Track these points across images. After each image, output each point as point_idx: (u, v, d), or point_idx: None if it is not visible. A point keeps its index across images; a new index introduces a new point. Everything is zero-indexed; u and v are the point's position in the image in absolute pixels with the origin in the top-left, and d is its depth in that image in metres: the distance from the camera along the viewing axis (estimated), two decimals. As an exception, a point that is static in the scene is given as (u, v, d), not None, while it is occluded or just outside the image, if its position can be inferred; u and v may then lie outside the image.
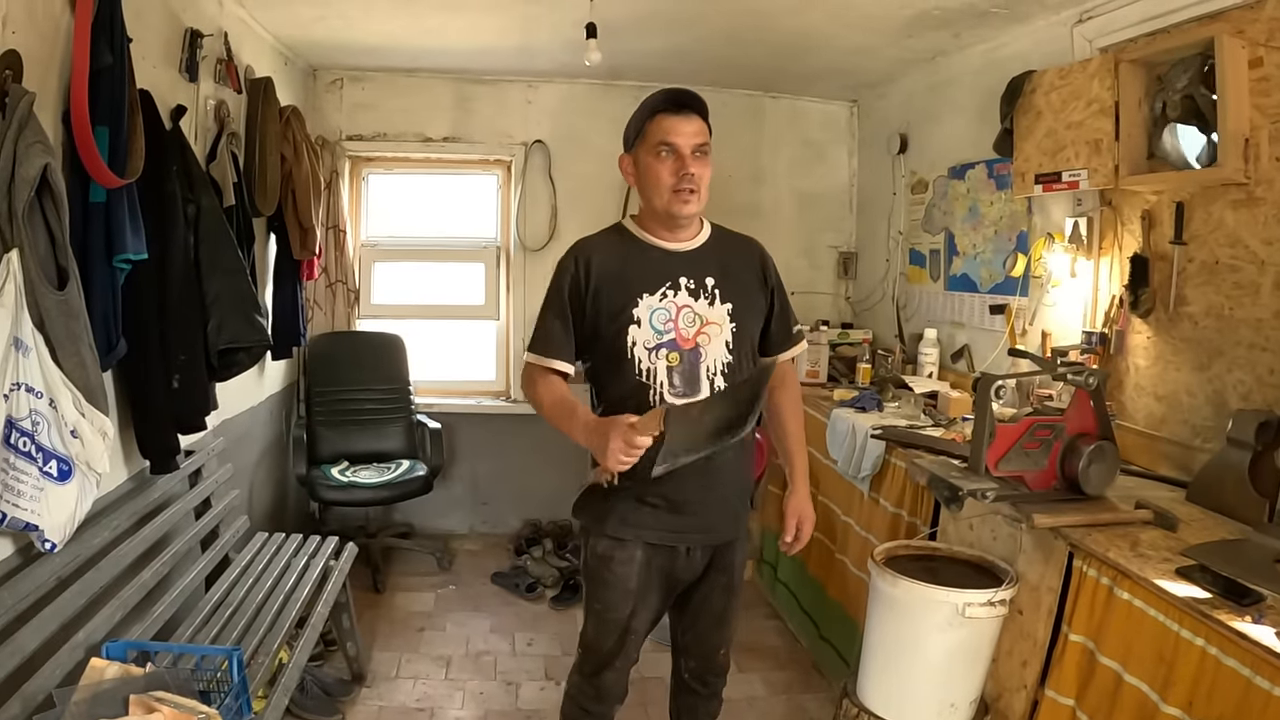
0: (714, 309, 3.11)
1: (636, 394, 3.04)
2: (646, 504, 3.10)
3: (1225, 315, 3.57)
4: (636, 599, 3.19)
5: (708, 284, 3.12)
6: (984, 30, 4.95)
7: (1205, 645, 2.44)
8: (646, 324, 3.05)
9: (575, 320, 3.12)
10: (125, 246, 3.34)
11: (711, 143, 3.10)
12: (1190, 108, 3.61)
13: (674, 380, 3.06)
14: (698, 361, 3.08)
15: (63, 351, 2.88)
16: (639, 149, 3.09)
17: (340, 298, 6.74)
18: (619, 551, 3.15)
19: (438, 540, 6.96)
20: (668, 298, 3.07)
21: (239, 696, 3.00)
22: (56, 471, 2.87)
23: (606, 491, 3.11)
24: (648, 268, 3.11)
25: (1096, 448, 3.19)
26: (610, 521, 3.14)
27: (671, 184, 3.00)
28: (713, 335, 3.10)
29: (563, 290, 3.12)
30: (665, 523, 3.12)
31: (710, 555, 3.27)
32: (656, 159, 3.01)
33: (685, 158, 2.99)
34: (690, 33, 5.37)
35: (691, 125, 3.01)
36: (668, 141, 2.99)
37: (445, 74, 6.80)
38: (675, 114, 3.01)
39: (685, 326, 3.08)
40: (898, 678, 3.40)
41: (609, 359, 3.10)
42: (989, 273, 5.26)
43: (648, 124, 3.04)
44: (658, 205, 3.08)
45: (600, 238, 3.25)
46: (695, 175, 3.00)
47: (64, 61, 3.25)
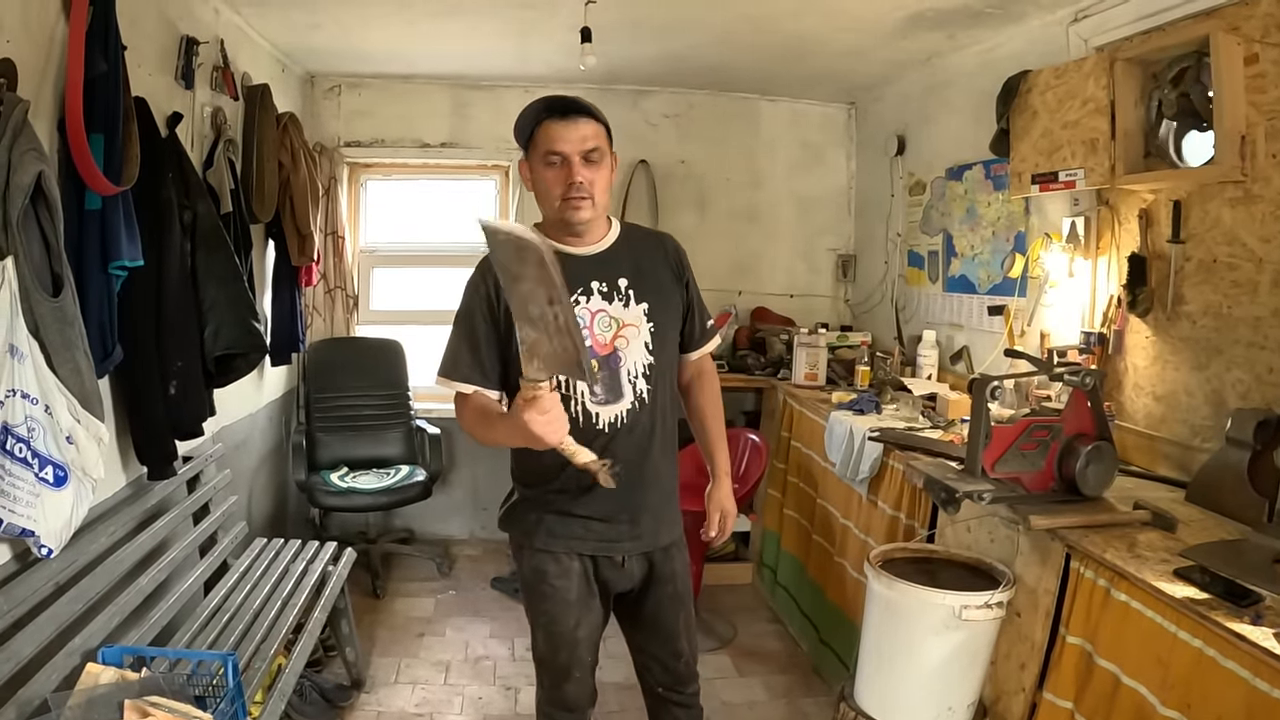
0: (629, 310, 3.04)
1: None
2: (574, 515, 3.05)
3: (1223, 314, 3.56)
4: (579, 610, 3.12)
5: (620, 285, 3.04)
6: (979, 31, 4.95)
7: (1203, 647, 2.43)
8: None
9: (492, 338, 3.03)
10: (121, 253, 3.35)
11: (611, 144, 3.01)
12: (1186, 106, 3.60)
13: (594, 388, 2.99)
14: (617, 366, 3.01)
15: (58, 358, 2.89)
16: (530, 156, 2.99)
17: (339, 304, 6.75)
18: (553, 565, 3.09)
19: (438, 545, 6.97)
20: (580, 305, 2.96)
21: (234, 702, 3.00)
22: (52, 477, 2.88)
23: (532, 505, 3.09)
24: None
25: (1094, 448, 3.18)
26: (539, 535, 3.08)
27: (560, 193, 2.91)
28: (630, 338, 3.03)
29: (473, 310, 3.05)
30: (596, 532, 3.06)
31: (648, 565, 3.20)
32: (546, 167, 2.92)
33: (574, 165, 2.87)
34: (685, 37, 5.38)
35: (578, 130, 2.89)
36: (555, 150, 2.88)
37: (442, 80, 6.81)
38: (560, 120, 2.89)
39: (601, 331, 3.00)
40: (895, 681, 3.39)
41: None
42: (987, 274, 5.25)
43: (535, 132, 2.94)
44: (552, 214, 3.00)
45: None
46: (584, 182, 2.89)
47: (59, 69, 3.25)
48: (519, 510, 3.15)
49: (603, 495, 2.89)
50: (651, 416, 3.08)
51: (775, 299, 7.13)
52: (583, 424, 2.94)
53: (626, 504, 3.05)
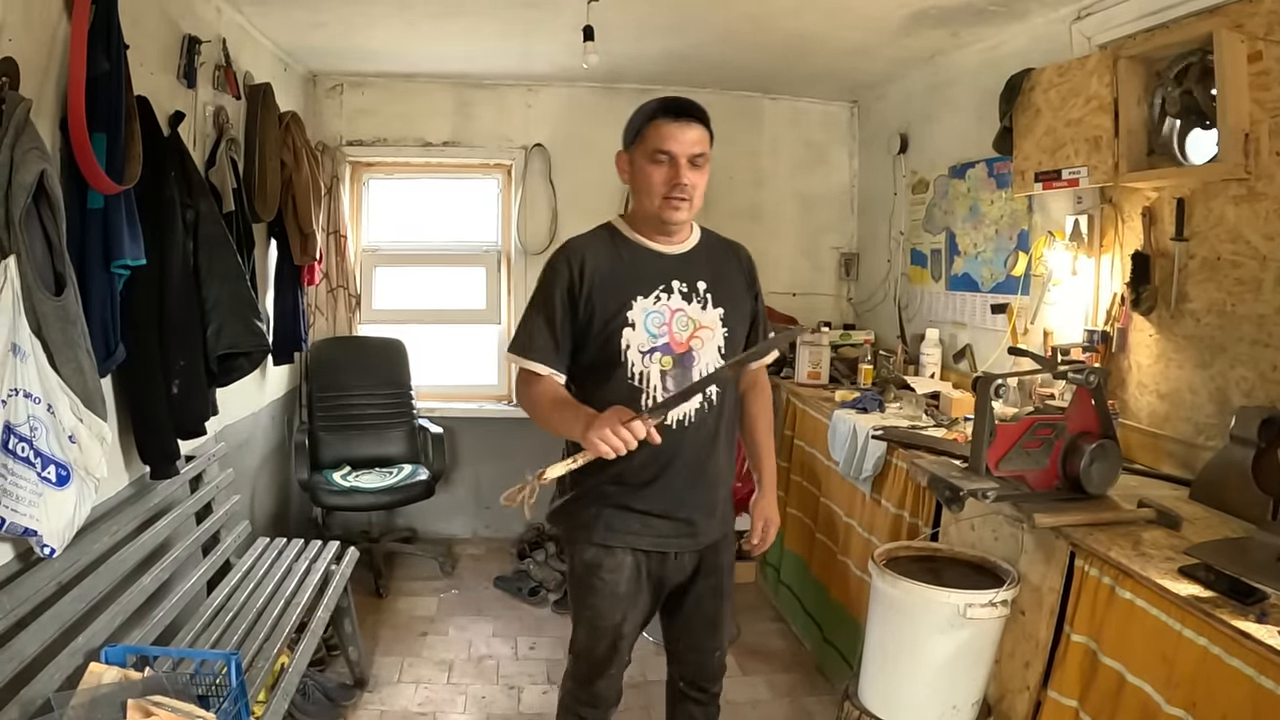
0: (706, 313, 3.09)
1: (627, 398, 2.94)
2: (633, 510, 3.07)
3: (1227, 311, 3.56)
4: (627, 604, 3.15)
5: (699, 287, 3.09)
6: (982, 29, 4.94)
7: (1208, 645, 2.43)
8: (641, 327, 3.00)
9: (567, 323, 3.05)
10: (123, 252, 3.34)
11: (711, 150, 3.04)
12: (1190, 103, 3.60)
13: (666, 384, 3.01)
14: (690, 366, 3.04)
15: (60, 357, 2.88)
16: (636, 151, 3.02)
17: (341, 303, 6.74)
18: (607, 559, 3.11)
19: (440, 545, 6.97)
20: (661, 300, 3.03)
21: (237, 701, 3.00)
22: (55, 477, 2.87)
23: (589, 499, 3.10)
24: (641, 270, 3.06)
25: (1098, 446, 3.18)
26: (597, 529, 3.10)
27: (664, 191, 2.96)
28: (706, 340, 3.07)
29: (553, 293, 3.05)
30: (654, 529, 3.10)
31: (698, 557, 3.24)
32: (652, 163, 2.96)
33: (680, 166, 2.94)
34: (688, 35, 5.37)
35: (690, 134, 2.94)
36: (664, 149, 2.93)
37: (445, 79, 6.80)
38: (674, 121, 2.94)
39: (679, 330, 3.04)
40: (899, 680, 3.38)
41: (599, 362, 3.04)
42: (990, 272, 5.25)
43: (646, 128, 2.97)
44: (649, 209, 3.03)
45: (591, 238, 3.18)
46: (689, 184, 2.96)
47: (61, 68, 3.25)
48: (575, 505, 3.16)
49: (663, 491, 3.05)
50: (718, 418, 3.13)
51: (778, 297, 7.10)
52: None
53: (687, 501, 3.11)
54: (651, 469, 3.03)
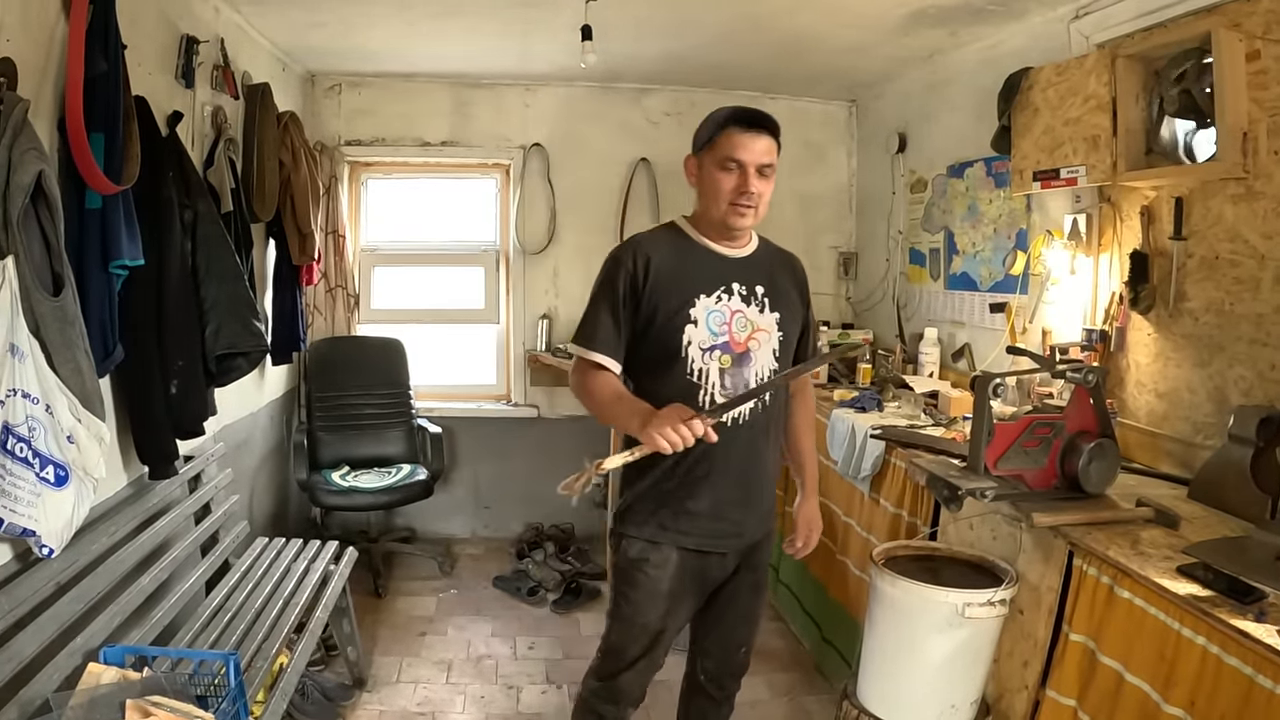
0: (764, 316, 3.14)
1: (685, 394, 3.00)
2: (685, 510, 3.11)
3: (1226, 310, 3.56)
4: (669, 602, 3.17)
5: (758, 291, 3.14)
6: (980, 28, 4.94)
7: (1207, 644, 2.43)
8: (703, 324, 3.04)
9: (627, 317, 3.09)
10: (121, 253, 3.34)
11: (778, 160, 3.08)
12: (1188, 102, 3.60)
13: (724, 382, 3.06)
14: (747, 366, 3.09)
15: (58, 357, 2.88)
16: (705, 156, 3.07)
17: (340, 303, 6.74)
18: (653, 554, 3.14)
19: (439, 544, 6.97)
20: (722, 301, 3.08)
21: (236, 701, 3.00)
22: (53, 477, 2.87)
23: (647, 499, 3.14)
24: (704, 269, 3.11)
25: (1096, 445, 3.18)
26: (649, 526, 3.14)
27: (731, 197, 3.01)
28: (762, 342, 3.12)
29: (617, 285, 3.08)
30: (704, 529, 3.13)
31: (741, 555, 3.28)
32: (721, 170, 3.00)
33: (749, 174, 2.98)
34: (686, 35, 5.37)
35: (760, 144, 2.99)
36: (734, 157, 2.97)
37: (443, 78, 6.80)
38: (746, 131, 2.99)
39: (738, 330, 3.09)
40: (898, 679, 3.39)
41: (659, 357, 3.08)
42: (989, 271, 5.25)
43: (718, 135, 3.02)
44: (714, 214, 3.07)
45: (656, 236, 3.23)
46: (756, 193, 3.00)
47: (59, 69, 3.25)
48: (636, 507, 3.19)
49: (713, 489, 3.10)
50: (768, 419, 3.18)
51: (777, 297, 7.11)
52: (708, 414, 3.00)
53: (736, 500, 3.16)
54: (704, 465, 3.07)
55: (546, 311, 7.06)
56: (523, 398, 7.14)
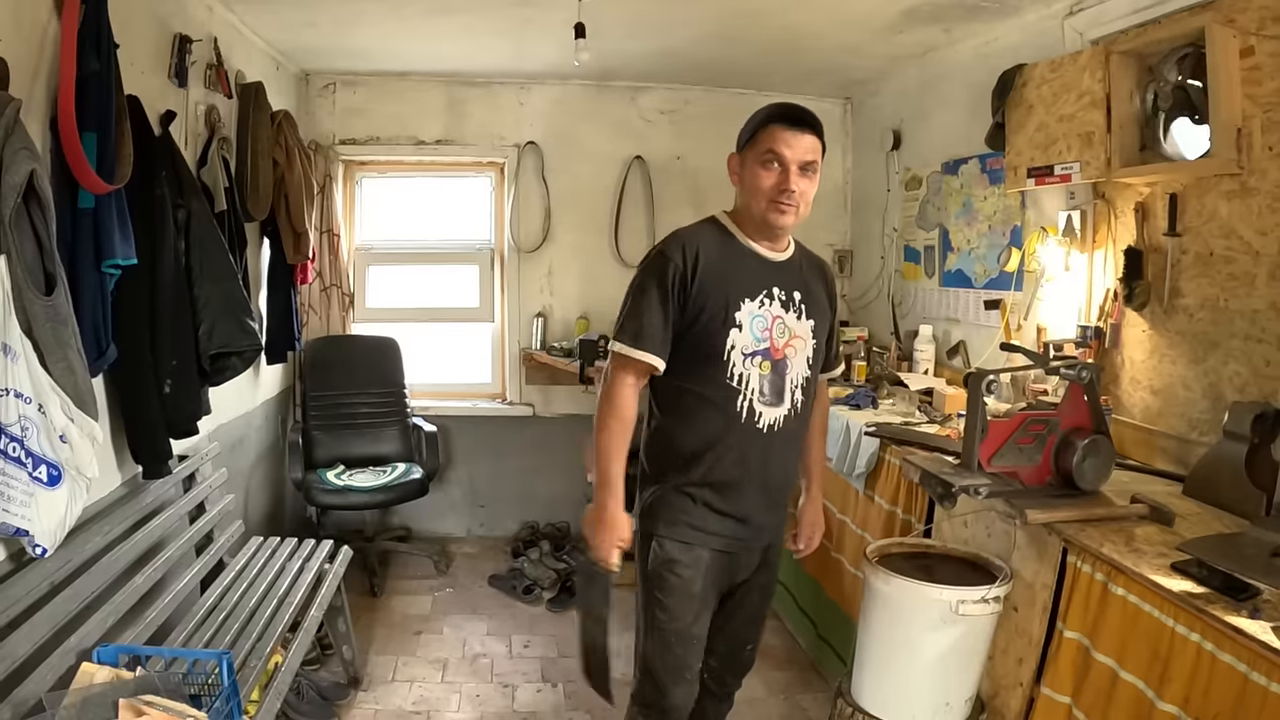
0: (801, 323, 3.12)
1: (724, 398, 3.01)
2: (716, 511, 3.09)
3: (1220, 307, 3.56)
4: (699, 604, 3.15)
5: (795, 298, 3.12)
6: (975, 25, 4.95)
7: (1201, 641, 2.43)
8: (748, 329, 3.00)
9: (675, 315, 3.01)
10: (114, 252, 3.34)
11: (822, 161, 3.08)
12: (1182, 99, 3.60)
13: (764, 389, 3.03)
14: (784, 373, 3.07)
15: (51, 357, 2.87)
16: (748, 153, 3.03)
17: (335, 302, 6.73)
18: (685, 555, 3.10)
19: (435, 544, 6.96)
20: (765, 305, 3.04)
21: (229, 700, 2.99)
22: (46, 477, 2.87)
23: (676, 496, 3.11)
24: (748, 272, 3.07)
25: (1091, 442, 3.18)
26: (679, 527, 3.10)
27: (772, 195, 2.97)
28: (798, 349, 3.10)
29: (665, 280, 2.99)
30: (732, 530, 3.12)
31: (759, 556, 3.28)
32: (763, 167, 2.97)
33: (791, 172, 2.95)
34: (680, 33, 5.36)
35: (804, 142, 2.96)
36: (776, 152, 2.94)
37: (437, 77, 6.80)
38: (790, 128, 2.95)
39: (778, 336, 3.05)
40: (892, 677, 3.38)
41: (699, 359, 3.02)
42: (983, 268, 5.25)
43: (761, 131, 2.98)
44: (755, 211, 3.04)
45: (702, 231, 3.14)
46: (797, 191, 2.97)
47: (51, 68, 3.24)
48: (662, 502, 3.15)
49: (746, 494, 3.10)
50: (799, 426, 3.18)
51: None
52: (745, 420, 3.02)
53: (765, 504, 3.16)
54: (738, 470, 3.06)
55: (541, 310, 7.05)
56: (518, 396, 7.14)
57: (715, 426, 3.04)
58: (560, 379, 6.86)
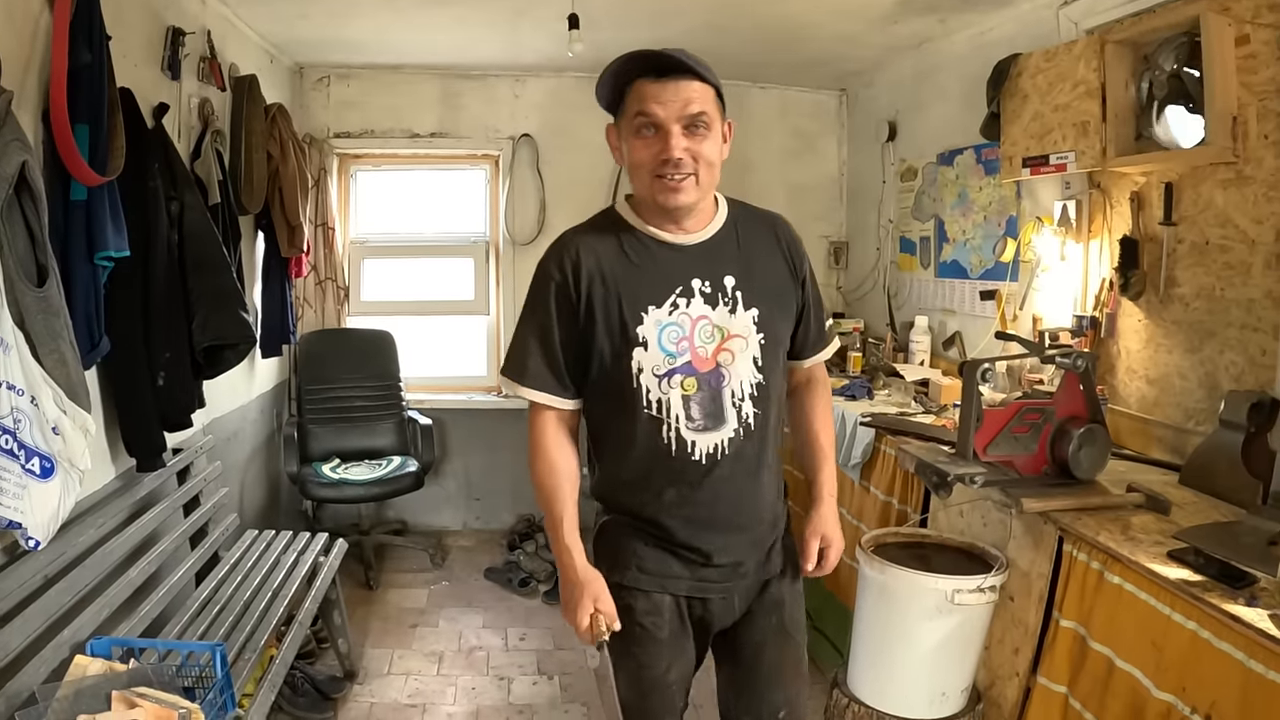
0: (736, 317, 2.47)
1: (648, 431, 2.45)
2: (672, 553, 2.53)
3: (1216, 296, 3.56)
4: (670, 650, 2.58)
5: (726, 285, 2.48)
6: (970, 15, 4.94)
7: (1197, 629, 2.43)
8: (655, 345, 2.42)
9: (568, 337, 2.48)
10: (106, 244, 3.33)
11: (722, 108, 2.45)
12: (1177, 87, 3.59)
13: (691, 412, 2.44)
14: (720, 386, 2.45)
15: (43, 349, 2.87)
16: (620, 122, 2.47)
17: (330, 295, 6.73)
18: (641, 601, 2.54)
19: (431, 537, 6.96)
20: (679, 309, 2.44)
21: (223, 692, 2.99)
22: (39, 469, 2.85)
23: (623, 531, 2.58)
24: (651, 270, 2.47)
25: (1086, 431, 3.18)
26: (629, 571, 2.55)
27: (653, 169, 2.37)
28: (736, 351, 2.47)
29: (547, 302, 2.49)
30: (696, 574, 2.54)
31: (753, 594, 2.65)
32: (637, 136, 2.39)
33: (672, 134, 2.33)
34: (674, 23, 5.34)
35: (682, 91, 2.33)
36: (646, 113, 2.34)
37: (432, 70, 6.79)
38: (658, 80, 2.34)
39: (702, 343, 2.44)
40: (888, 667, 3.39)
41: (609, 388, 2.48)
42: (979, 259, 5.24)
43: (626, 93, 2.40)
44: (643, 192, 2.47)
45: (589, 231, 2.57)
46: (684, 158, 2.34)
47: (43, 60, 3.23)
48: (609, 536, 2.63)
49: (700, 532, 2.50)
50: (759, 445, 2.53)
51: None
52: (675, 453, 2.45)
53: (729, 544, 2.54)
54: (686, 509, 2.49)
55: (537, 303, 7.00)
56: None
57: (643, 464, 2.49)
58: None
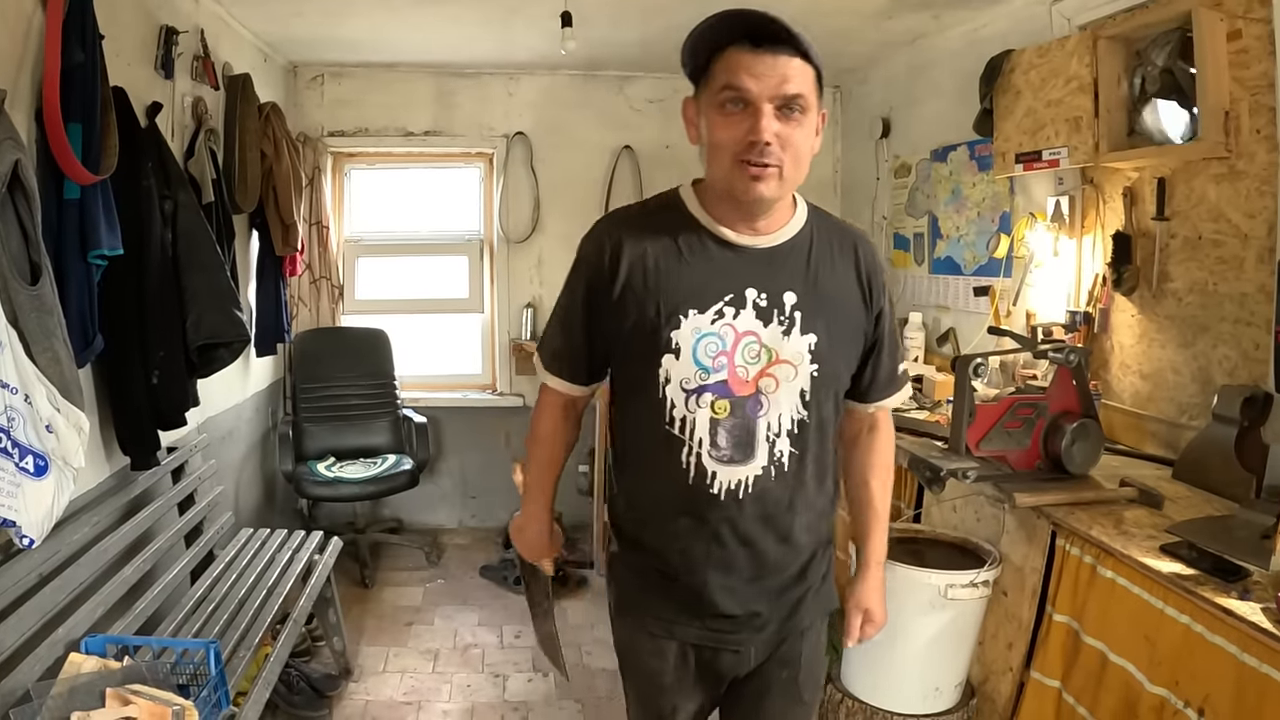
0: (789, 341, 2.12)
1: (665, 450, 2.15)
2: (682, 599, 2.25)
3: (1209, 290, 3.56)
4: (675, 695, 2.35)
5: (785, 302, 2.13)
6: (964, 11, 4.94)
7: (1190, 623, 2.44)
8: (687, 355, 2.09)
9: (597, 328, 2.22)
10: (100, 242, 3.32)
11: (820, 96, 2.12)
12: (1170, 82, 3.59)
13: (718, 439, 2.12)
14: (754, 415, 2.12)
15: (37, 347, 2.86)
16: (703, 94, 2.12)
17: (324, 294, 6.72)
18: (646, 641, 2.32)
19: (427, 535, 6.97)
20: (724, 319, 2.10)
21: (217, 689, 2.99)
22: (33, 467, 2.85)
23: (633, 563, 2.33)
24: (701, 269, 2.14)
25: (1079, 426, 3.18)
26: (634, 609, 2.35)
27: (736, 151, 2.02)
28: (781, 379, 2.12)
29: (577, 284, 2.24)
30: (706, 622, 2.26)
31: (769, 647, 2.35)
32: (720, 112, 2.04)
33: (763, 114, 1.98)
34: (667, 20, 5.33)
35: (778, 67, 1.98)
36: (737, 86, 1.99)
37: (426, 68, 6.79)
38: (756, 50, 1.99)
39: (744, 362, 2.11)
40: (882, 662, 3.39)
41: (630, 393, 2.23)
42: (973, 255, 5.25)
43: (715, 60, 2.06)
44: (717, 178, 2.13)
45: (641, 214, 2.29)
46: (774, 145, 2.00)
47: (36, 59, 3.23)
48: (617, 569, 2.41)
49: (711, 580, 2.20)
50: (790, 489, 2.19)
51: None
52: (692, 481, 2.13)
53: (754, 592, 2.24)
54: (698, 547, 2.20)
55: (531, 300, 7.03)
56: (508, 387, 7.13)
57: (656, 485, 2.21)
58: (551, 369, 6.84)
